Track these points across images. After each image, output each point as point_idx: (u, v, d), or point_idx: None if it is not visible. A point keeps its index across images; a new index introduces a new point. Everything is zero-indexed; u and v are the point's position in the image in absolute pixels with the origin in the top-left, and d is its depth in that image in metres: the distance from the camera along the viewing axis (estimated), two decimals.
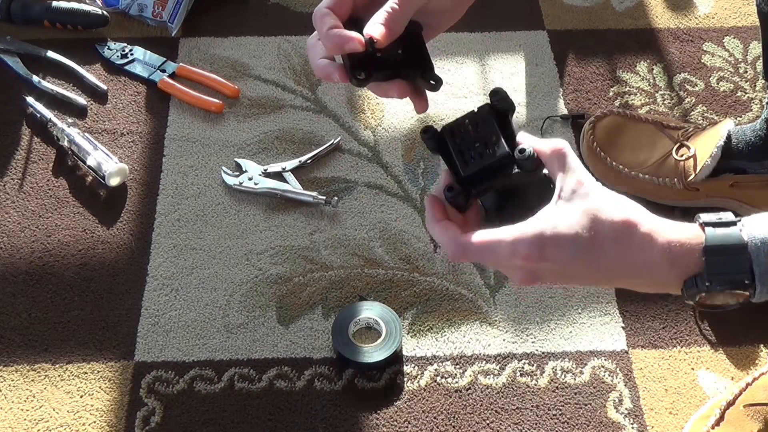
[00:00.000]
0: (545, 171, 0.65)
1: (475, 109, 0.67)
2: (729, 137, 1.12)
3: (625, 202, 0.63)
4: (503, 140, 0.65)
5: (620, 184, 1.15)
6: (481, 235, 0.62)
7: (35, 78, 1.30)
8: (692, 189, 1.13)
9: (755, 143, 1.11)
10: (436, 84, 0.69)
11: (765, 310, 1.07)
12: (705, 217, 0.64)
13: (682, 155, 1.14)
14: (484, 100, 1.33)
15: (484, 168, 0.65)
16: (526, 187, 0.67)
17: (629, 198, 0.64)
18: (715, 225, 0.62)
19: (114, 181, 1.17)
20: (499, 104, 0.66)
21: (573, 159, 0.64)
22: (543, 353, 1.03)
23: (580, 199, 0.62)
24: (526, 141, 0.65)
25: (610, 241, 0.61)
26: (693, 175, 1.12)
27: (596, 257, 0.61)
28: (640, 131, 1.18)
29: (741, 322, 1.06)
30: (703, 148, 1.12)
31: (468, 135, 0.66)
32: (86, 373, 1.01)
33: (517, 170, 0.64)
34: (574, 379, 1.01)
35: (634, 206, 0.63)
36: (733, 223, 0.62)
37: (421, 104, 0.71)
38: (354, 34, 0.67)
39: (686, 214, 1.17)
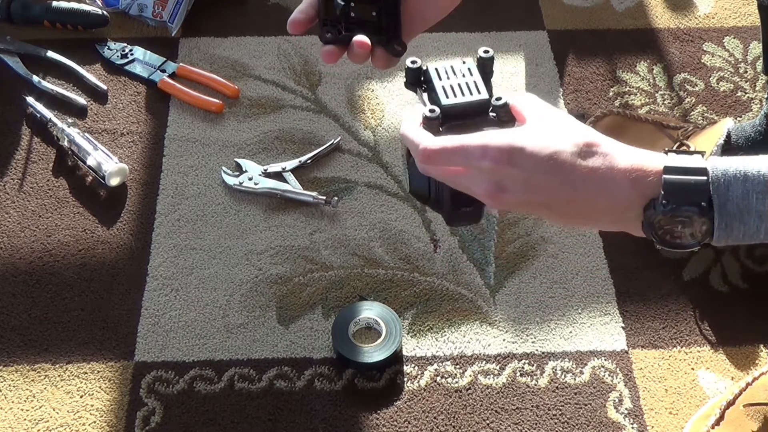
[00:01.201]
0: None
1: (464, 60, 0.71)
2: (729, 135, 1.12)
3: (585, 127, 0.66)
4: (485, 87, 0.69)
5: None
6: (452, 140, 0.65)
7: (35, 78, 1.30)
8: None
9: (755, 139, 1.11)
10: (400, 51, 0.75)
11: (765, 310, 1.08)
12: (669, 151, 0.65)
13: None
14: None
15: (463, 105, 0.68)
16: None
17: None
18: (678, 152, 0.63)
19: (114, 181, 1.17)
20: (485, 61, 0.71)
21: (539, 101, 0.67)
22: (543, 353, 1.03)
23: (547, 119, 0.64)
24: (504, 94, 0.69)
25: (576, 156, 0.62)
26: None
27: (562, 170, 0.62)
28: (640, 131, 1.18)
29: (741, 322, 1.06)
30: (703, 147, 1.12)
31: (453, 76, 0.70)
32: (86, 373, 1.01)
33: (492, 115, 0.68)
34: (574, 379, 1.01)
35: (595, 132, 0.65)
36: (697, 153, 0.63)
37: (380, 60, 0.75)
38: None
39: None
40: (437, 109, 0.68)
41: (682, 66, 1.36)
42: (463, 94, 0.69)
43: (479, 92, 0.69)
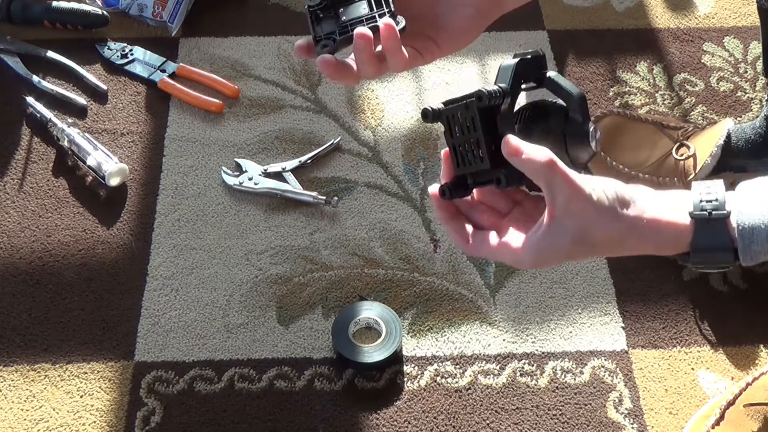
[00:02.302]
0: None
1: (467, 103, 0.66)
2: (729, 136, 1.12)
3: (614, 213, 0.66)
4: (486, 154, 0.64)
5: None
6: (485, 251, 0.68)
7: (35, 78, 1.30)
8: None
9: (755, 141, 1.11)
10: (404, 26, 0.69)
11: (765, 310, 1.08)
12: (695, 197, 0.68)
13: (682, 155, 1.13)
14: None
15: (472, 173, 0.66)
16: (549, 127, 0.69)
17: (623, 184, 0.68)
18: (702, 221, 0.66)
19: (114, 181, 1.17)
20: (483, 107, 0.65)
21: (560, 165, 0.64)
22: (543, 353, 1.03)
23: (572, 220, 0.64)
24: (511, 154, 0.64)
25: (601, 246, 0.66)
26: (693, 174, 1.12)
27: (590, 251, 0.66)
28: (640, 131, 1.18)
29: (741, 322, 1.06)
30: (703, 148, 1.12)
31: (457, 132, 0.67)
32: (86, 373, 1.01)
33: (504, 183, 0.64)
34: (574, 379, 1.01)
35: (626, 200, 0.66)
36: (722, 209, 0.66)
37: (395, 54, 0.72)
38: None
39: None
40: (446, 191, 0.66)
41: (682, 66, 1.36)
42: (470, 161, 0.65)
43: (481, 160, 0.65)
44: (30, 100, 1.27)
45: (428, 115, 0.69)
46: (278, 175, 1.19)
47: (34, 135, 1.25)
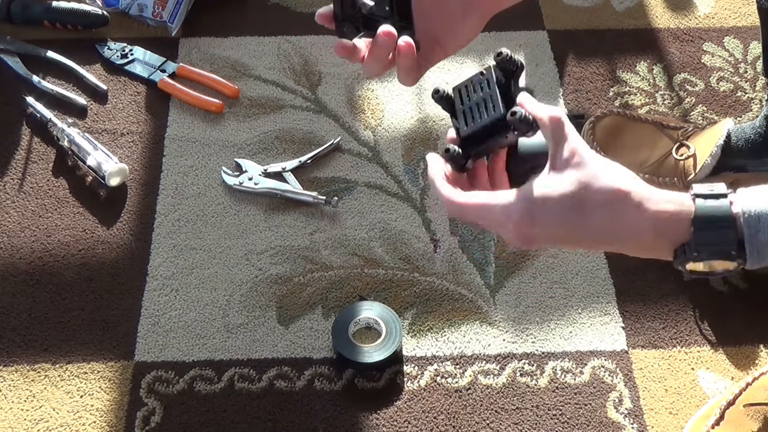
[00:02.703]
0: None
1: (483, 70, 0.68)
2: (729, 136, 1.12)
3: (619, 170, 0.65)
4: (501, 102, 0.66)
5: None
6: (478, 197, 0.66)
7: (35, 78, 1.30)
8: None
9: (755, 141, 1.11)
10: (418, 42, 0.73)
11: (765, 310, 1.08)
12: (697, 188, 0.65)
13: (681, 155, 1.13)
14: None
15: (480, 129, 0.66)
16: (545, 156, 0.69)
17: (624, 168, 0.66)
18: (705, 197, 0.63)
19: (114, 181, 1.17)
20: (502, 65, 0.67)
21: (568, 128, 0.65)
22: (543, 353, 1.03)
23: (573, 169, 0.63)
24: (526, 103, 0.66)
25: (599, 209, 0.63)
26: (693, 175, 1.12)
27: (584, 223, 0.63)
28: (640, 131, 1.18)
29: (741, 322, 1.06)
30: (703, 148, 1.12)
31: (471, 96, 0.68)
32: (86, 373, 1.01)
33: (512, 131, 0.65)
34: (574, 379, 1.01)
35: (627, 175, 0.65)
36: (724, 195, 0.64)
37: (405, 58, 0.75)
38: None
39: None
40: (452, 147, 0.67)
41: (682, 66, 1.36)
42: (480, 116, 0.67)
43: (494, 109, 0.67)
44: (30, 100, 1.27)
45: (438, 90, 0.70)
46: (278, 175, 1.19)
47: (34, 135, 1.25)
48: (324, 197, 1.16)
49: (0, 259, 1.11)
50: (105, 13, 1.39)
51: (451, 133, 0.69)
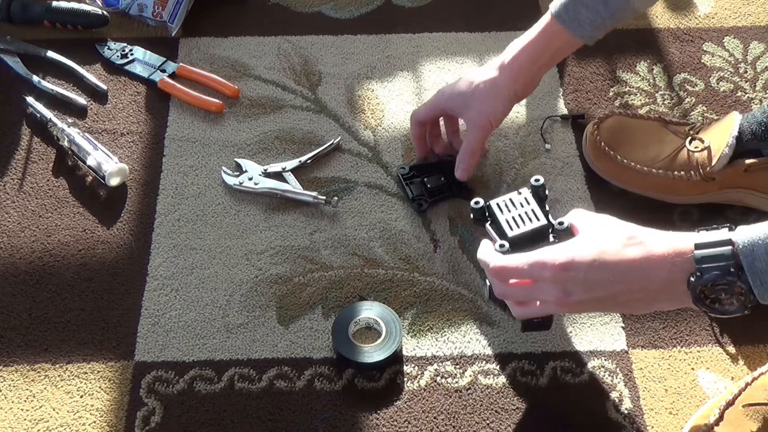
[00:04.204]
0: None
1: (520, 190, 0.87)
2: (740, 125, 1.12)
3: (626, 224, 0.78)
4: (542, 214, 0.84)
5: (632, 181, 1.15)
6: (516, 256, 0.79)
7: (35, 78, 1.31)
8: (709, 179, 1.12)
9: (767, 123, 1.10)
10: (469, 195, 1.02)
11: (765, 310, 1.07)
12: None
13: (696, 147, 1.13)
14: None
15: (529, 232, 0.82)
16: None
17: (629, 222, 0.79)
18: (708, 229, 0.73)
19: (114, 181, 1.18)
20: (536, 190, 0.85)
21: (589, 214, 0.81)
22: (543, 353, 1.03)
23: (593, 227, 0.77)
24: (569, 216, 0.83)
25: (621, 248, 0.74)
26: (710, 167, 1.11)
27: (610, 265, 0.73)
28: (646, 128, 1.18)
29: (741, 322, 1.06)
30: (718, 139, 1.12)
31: (513, 208, 0.84)
32: (86, 373, 1.01)
33: (553, 238, 0.81)
34: (574, 379, 1.01)
35: (634, 226, 0.78)
36: (723, 226, 0.73)
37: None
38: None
39: (695, 216, 1.17)
40: (506, 244, 0.81)
41: (682, 66, 1.36)
42: (524, 223, 0.82)
43: (538, 219, 0.82)
44: (30, 100, 1.27)
45: (478, 202, 0.90)
46: (278, 175, 1.19)
47: (34, 135, 1.25)
48: (324, 197, 1.16)
49: (0, 259, 1.11)
50: (105, 13, 1.39)
51: (494, 244, 0.85)
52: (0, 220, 1.15)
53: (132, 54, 1.35)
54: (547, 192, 0.85)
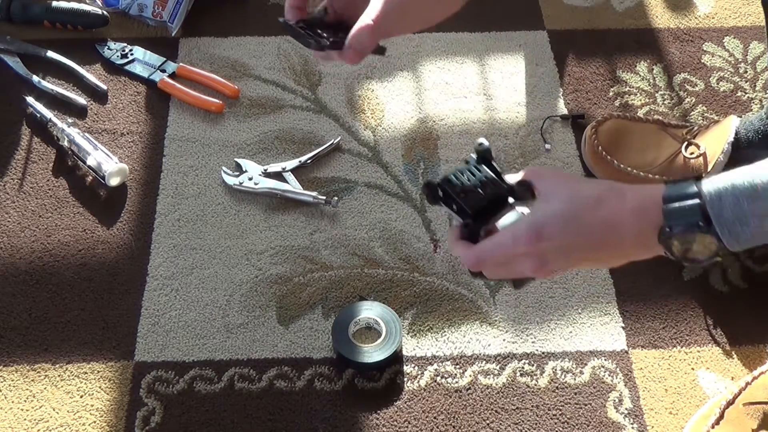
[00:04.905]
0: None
1: (466, 160, 0.79)
2: (737, 131, 1.12)
3: (596, 180, 0.77)
4: (497, 177, 0.77)
5: None
6: (485, 243, 0.75)
7: (35, 78, 1.31)
8: None
9: (764, 131, 1.10)
10: (383, 49, 0.81)
11: (765, 310, 1.08)
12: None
13: (692, 153, 1.13)
14: (484, 99, 1.33)
15: (487, 201, 0.76)
16: None
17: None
18: (675, 182, 0.71)
19: (114, 181, 1.18)
20: (482, 153, 0.78)
21: (545, 170, 0.76)
22: (543, 353, 1.03)
23: (556, 190, 0.73)
24: (515, 176, 0.77)
25: (590, 209, 0.71)
26: (705, 173, 1.11)
27: (583, 228, 0.71)
28: (644, 132, 1.18)
29: (741, 322, 1.06)
30: (713, 145, 1.12)
31: (466, 180, 0.78)
32: (86, 373, 1.01)
33: (513, 200, 0.76)
34: (574, 379, 1.01)
35: (606, 181, 0.76)
36: (691, 178, 0.71)
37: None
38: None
39: None
40: (469, 222, 0.76)
41: (682, 66, 1.36)
42: (480, 193, 0.77)
43: (494, 185, 0.77)
44: (30, 100, 1.27)
45: (430, 183, 0.79)
46: (278, 175, 1.19)
47: (34, 135, 1.25)
48: (324, 197, 1.16)
49: (0, 259, 1.11)
50: (105, 13, 1.39)
51: (457, 223, 0.78)
52: (0, 220, 1.15)
53: (132, 54, 1.35)
54: (492, 152, 0.79)
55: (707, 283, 1.09)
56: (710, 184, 0.69)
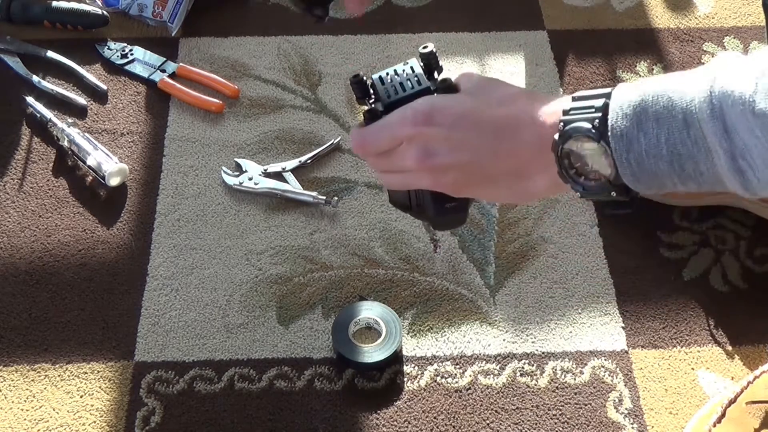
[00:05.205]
0: None
1: (406, 61, 0.72)
2: None
3: (519, 87, 0.66)
4: (426, 79, 0.70)
5: None
6: (376, 121, 0.67)
7: (35, 78, 1.31)
8: None
9: None
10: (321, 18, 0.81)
11: (765, 310, 1.08)
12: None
13: None
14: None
15: (405, 97, 0.69)
16: None
17: None
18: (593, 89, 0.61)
19: (114, 181, 1.17)
20: (426, 59, 0.71)
21: (478, 75, 0.68)
22: (543, 353, 1.03)
23: (473, 86, 0.66)
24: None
25: (493, 105, 0.63)
26: None
27: (477, 122, 0.63)
28: None
29: (741, 322, 1.06)
30: None
31: (396, 77, 0.71)
32: (86, 373, 1.01)
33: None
34: (574, 379, 1.01)
35: (527, 90, 0.68)
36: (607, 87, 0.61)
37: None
38: None
39: (694, 216, 1.17)
40: (374, 106, 0.70)
41: (682, 66, 1.36)
42: (404, 90, 0.70)
43: (420, 84, 0.70)
44: (30, 100, 1.27)
45: (357, 75, 0.72)
46: (278, 175, 1.19)
47: (34, 135, 1.25)
48: (324, 197, 1.16)
49: (0, 259, 1.11)
50: (105, 13, 1.39)
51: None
52: (0, 220, 1.15)
53: (132, 54, 1.35)
54: (440, 63, 0.72)
55: (707, 283, 1.10)
56: (625, 87, 0.58)
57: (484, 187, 0.67)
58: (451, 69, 1.35)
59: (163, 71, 1.33)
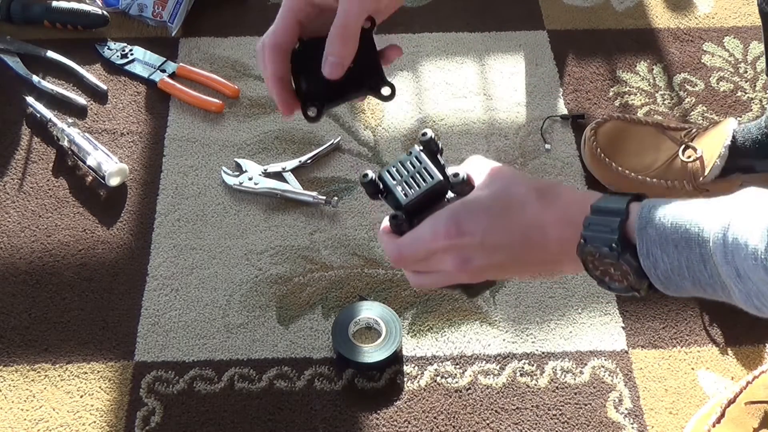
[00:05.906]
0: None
1: (410, 150, 0.72)
2: (734, 136, 1.12)
3: (537, 179, 0.68)
4: (436, 170, 0.71)
5: (628, 189, 1.15)
6: (405, 238, 0.69)
7: (35, 78, 1.30)
8: (702, 190, 1.12)
9: (762, 141, 1.10)
10: (390, 95, 0.73)
11: None
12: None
13: (689, 157, 1.13)
14: (484, 99, 1.33)
15: (422, 195, 0.70)
16: None
17: None
18: (614, 194, 0.63)
19: (114, 181, 1.17)
20: (427, 145, 0.72)
21: (486, 163, 0.69)
22: (543, 353, 1.03)
23: (491, 184, 0.67)
24: (458, 168, 0.70)
25: (517, 207, 0.65)
26: (702, 177, 1.11)
27: (509, 222, 0.65)
28: (642, 134, 1.18)
29: (741, 323, 1.06)
30: (710, 149, 1.12)
31: (404, 171, 0.72)
32: (86, 373, 1.01)
33: (452, 194, 0.70)
34: (574, 379, 1.01)
35: (546, 181, 0.70)
36: (630, 195, 0.63)
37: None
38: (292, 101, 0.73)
39: None
40: (400, 213, 0.71)
41: (682, 66, 1.36)
42: (418, 185, 0.71)
43: (432, 177, 0.71)
44: (30, 100, 1.27)
45: (367, 175, 0.73)
46: (278, 175, 1.19)
47: (34, 135, 1.25)
48: (324, 197, 1.16)
49: (0, 259, 1.11)
50: (105, 13, 1.39)
51: (385, 222, 0.73)
52: (0, 220, 1.15)
53: (132, 54, 1.35)
54: (440, 145, 0.72)
55: None
56: (647, 204, 0.61)
57: (518, 275, 0.71)
58: (451, 69, 1.35)
59: (163, 71, 1.33)
